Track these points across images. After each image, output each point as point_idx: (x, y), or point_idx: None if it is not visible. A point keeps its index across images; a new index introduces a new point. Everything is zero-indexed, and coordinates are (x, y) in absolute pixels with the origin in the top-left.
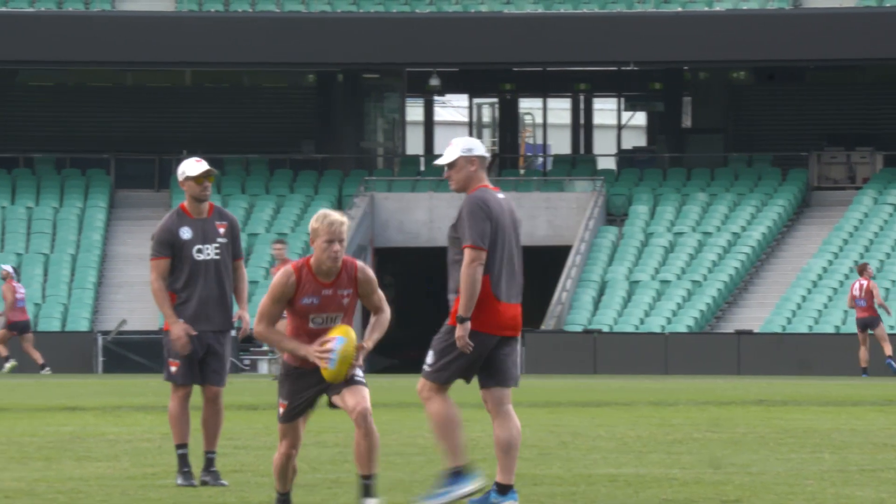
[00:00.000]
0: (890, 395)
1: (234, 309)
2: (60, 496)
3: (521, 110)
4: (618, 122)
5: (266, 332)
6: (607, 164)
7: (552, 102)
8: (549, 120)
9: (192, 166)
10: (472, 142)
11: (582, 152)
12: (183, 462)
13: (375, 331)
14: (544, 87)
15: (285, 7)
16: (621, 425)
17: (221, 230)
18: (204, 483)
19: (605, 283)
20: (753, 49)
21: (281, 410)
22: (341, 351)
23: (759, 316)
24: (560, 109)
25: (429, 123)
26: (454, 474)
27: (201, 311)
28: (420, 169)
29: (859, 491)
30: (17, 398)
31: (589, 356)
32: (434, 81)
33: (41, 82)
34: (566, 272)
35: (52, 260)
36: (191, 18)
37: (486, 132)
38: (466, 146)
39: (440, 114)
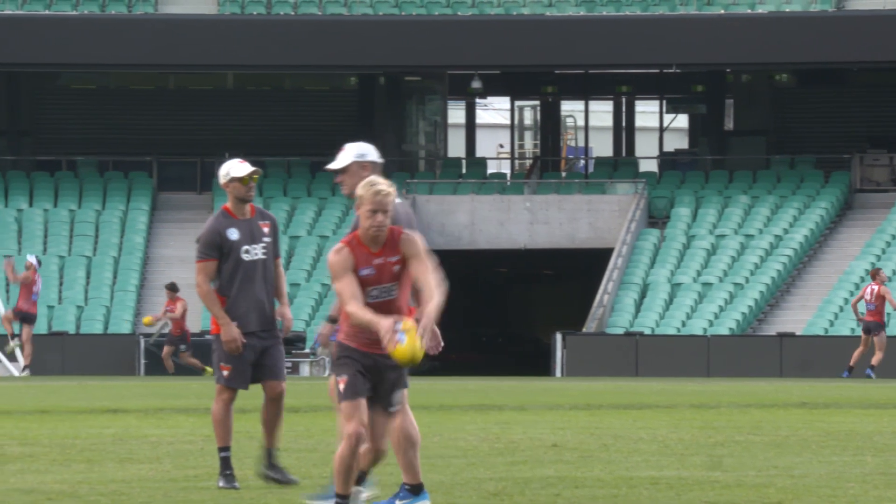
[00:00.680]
0: None
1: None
2: (102, 498)
3: (562, 113)
4: (660, 125)
5: (356, 310)
6: (649, 166)
7: (594, 105)
8: (591, 122)
9: (237, 167)
10: (365, 147)
11: (624, 155)
12: (225, 465)
13: (425, 301)
14: (586, 89)
15: (327, 10)
16: (663, 428)
17: (265, 230)
18: (272, 479)
19: (647, 286)
20: (796, 51)
21: (341, 387)
22: (403, 326)
23: (802, 318)
24: (602, 112)
25: (470, 126)
26: (413, 488)
27: (252, 311)
28: (462, 171)
29: None
30: (60, 400)
31: (630, 358)
32: (476, 84)
33: (84, 85)
34: (608, 274)
35: (94, 262)
36: (233, 21)
37: (528, 134)
38: (360, 151)
39: (482, 116)
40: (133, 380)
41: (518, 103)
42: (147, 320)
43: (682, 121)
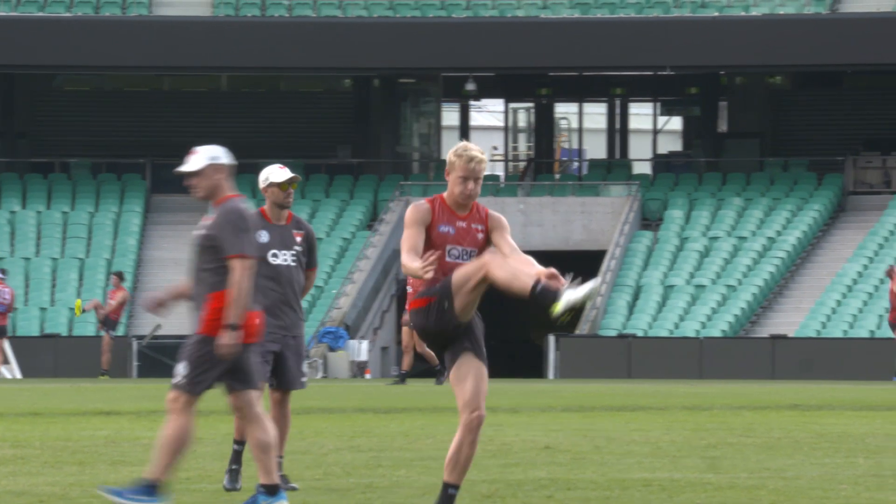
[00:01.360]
0: None
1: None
2: (94, 501)
3: (556, 115)
4: (653, 127)
5: (407, 259)
6: (643, 168)
7: (588, 107)
8: (585, 124)
9: (277, 173)
10: (218, 150)
11: (617, 157)
12: (234, 458)
13: (529, 261)
14: (580, 91)
15: (322, 12)
16: (656, 430)
17: (298, 239)
18: None
19: (640, 288)
20: (790, 54)
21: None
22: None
23: (794, 320)
24: (596, 114)
25: (465, 128)
26: (149, 486)
27: (274, 315)
28: None
29: (893, 496)
30: (52, 403)
31: (623, 360)
32: (470, 86)
33: (78, 87)
34: (601, 277)
35: (87, 265)
36: (227, 23)
37: (522, 137)
38: (213, 154)
39: (476, 118)
40: (126, 382)
41: (512, 105)
42: (78, 304)
43: (675, 123)
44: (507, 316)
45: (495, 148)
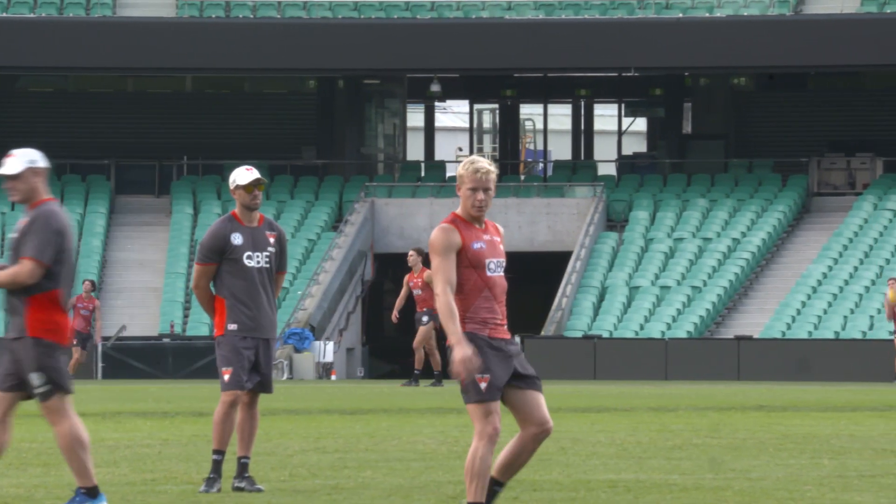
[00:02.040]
0: (889, 400)
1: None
2: (59, 502)
3: (521, 116)
4: (618, 128)
5: (446, 301)
6: (608, 169)
7: (553, 108)
8: (550, 126)
9: (243, 175)
10: (35, 153)
11: (582, 158)
12: (214, 468)
13: None
14: (545, 92)
15: (286, 13)
16: (621, 431)
17: (271, 240)
18: (239, 489)
19: (606, 289)
20: (754, 55)
21: (483, 385)
22: None
23: (759, 321)
24: (561, 115)
25: (430, 129)
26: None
27: (252, 317)
28: (421, 175)
29: (858, 496)
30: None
31: (589, 362)
32: (435, 87)
33: (41, 88)
34: (566, 278)
35: None
36: (192, 24)
37: (487, 138)
38: (31, 157)
39: (441, 119)
40: (91, 383)
41: (477, 106)
42: None
43: (640, 124)
44: None
45: (460, 149)
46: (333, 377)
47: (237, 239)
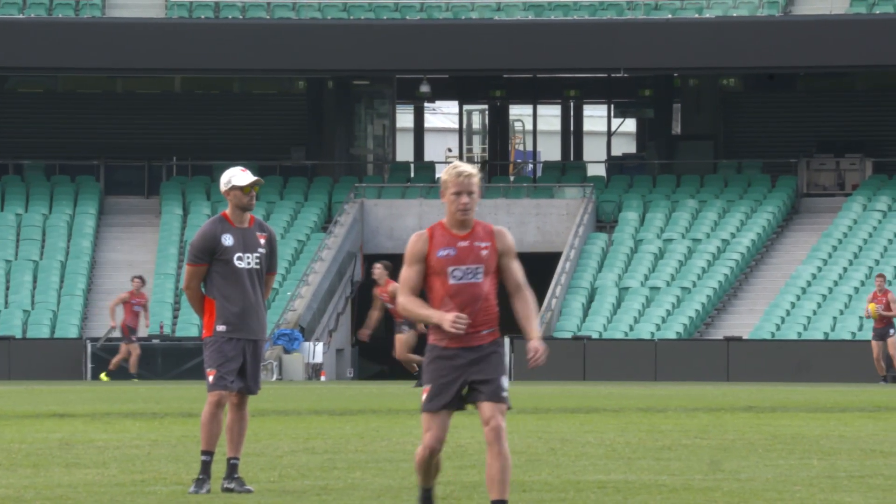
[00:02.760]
0: (878, 401)
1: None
2: (48, 503)
3: (511, 117)
4: (608, 129)
5: (405, 301)
6: (597, 170)
7: (542, 109)
8: (539, 126)
9: (239, 176)
10: None
11: (572, 159)
12: (203, 469)
13: (533, 316)
14: (534, 93)
15: (275, 14)
16: (610, 431)
17: (262, 241)
18: (228, 490)
19: (595, 290)
20: (743, 56)
21: (424, 397)
22: None
23: (749, 322)
24: (550, 116)
25: (419, 130)
26: None
27: (242, 318)
28: (410, 175)
29: (847, 497)
30: (6, 405)
31: (578, 363)
32: (424, 88)
33: (31, 89)
34: (556, 279)
35: (41, 266)
36: (181, 25)
37: (476, 139)
38: None
39: (430, 120)
40: (80, 384)
41: (466, 107)
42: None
43: (629, 125)
44: None
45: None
46: (323, 378)
47: (228, 240)
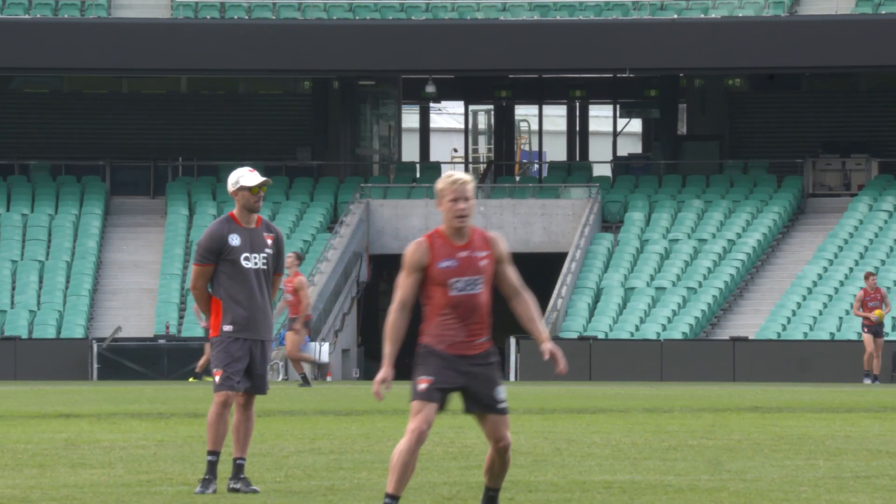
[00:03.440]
0: (885, 401)
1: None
2: (54, 503)
3: (516, 117)
4: (613, 129)
5: (393, 318)
6: (603, 170)
7: (548, 109)
8: (545, 127)
9: (247, 176)
10: None
11: (577, 159)
12: (209, 469)
13: (537, 317)
14: (540, 93)
15: (281, 14)
16: (616, 432)
17: (269, 241)
18: (234, 490)
19: (601, 290)
20: (749, 56)
21: (422, 386)
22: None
23: (755, 323)
24: (556, 116)
25: (425, 130)
26: None
27: (248, 318)
28: (416, 176)
29: (854, 498)
30: (12, 405)
31: (584, 363)
32: (430, 88)
33: (36, 89)
34: (561, 279)
35: (47, 267)
36: (187, 25)
37: (482, 139)
38: None
39: (436, 121)
40: (86, 384)
41: (472, 107)
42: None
43: (635, 125)
44: None
45: (455, 150)
46: (329, 378)
47: (235, 240)
